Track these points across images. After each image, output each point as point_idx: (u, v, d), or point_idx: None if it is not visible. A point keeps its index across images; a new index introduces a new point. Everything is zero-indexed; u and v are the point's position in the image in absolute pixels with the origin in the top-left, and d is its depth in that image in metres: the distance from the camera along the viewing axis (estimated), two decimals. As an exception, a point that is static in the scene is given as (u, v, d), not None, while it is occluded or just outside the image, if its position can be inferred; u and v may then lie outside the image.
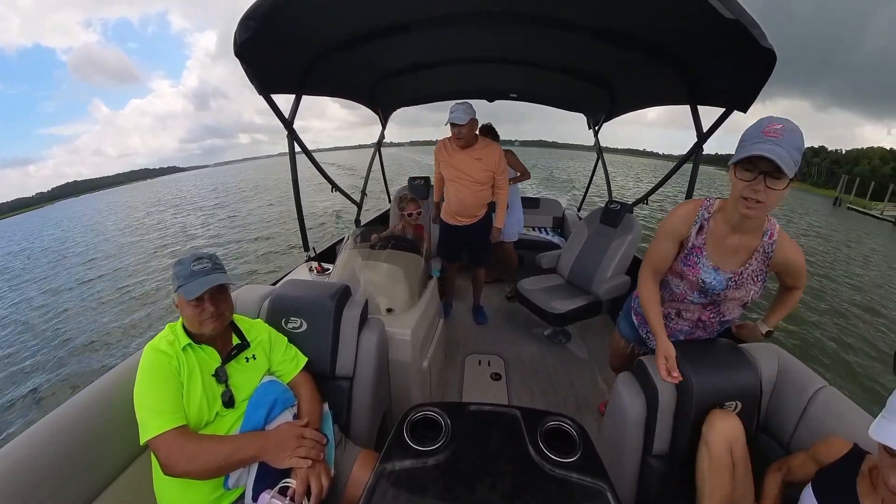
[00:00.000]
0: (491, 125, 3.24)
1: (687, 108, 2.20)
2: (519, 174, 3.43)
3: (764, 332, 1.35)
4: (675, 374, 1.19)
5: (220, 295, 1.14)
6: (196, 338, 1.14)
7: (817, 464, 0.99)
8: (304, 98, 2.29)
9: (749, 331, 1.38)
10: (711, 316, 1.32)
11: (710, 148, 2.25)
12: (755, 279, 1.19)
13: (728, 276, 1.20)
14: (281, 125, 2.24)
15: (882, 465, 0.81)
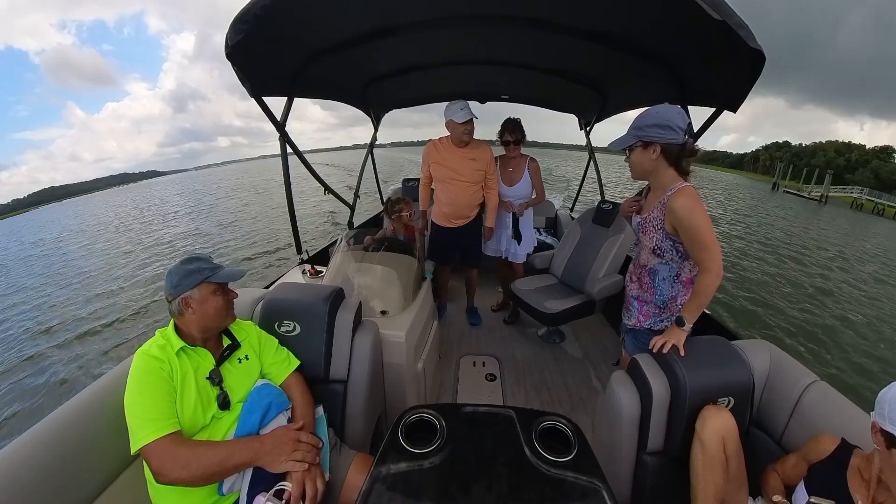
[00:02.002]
0: (519, 121, 2.77)
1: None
2: (535, 195, 2.87)
3: (675, 320, 1.36)
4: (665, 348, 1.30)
5: (235, 289, 1.24)
6: (190, 340, 1.12)
7: (808, 462, 1.00)
8: (284, 100, 2.22)
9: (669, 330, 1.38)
10: (642, 272, 1.55)
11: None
12: (655, 226, 1.42)
13: (640, 220, 1.50)
14: (260, 128, 2.26)
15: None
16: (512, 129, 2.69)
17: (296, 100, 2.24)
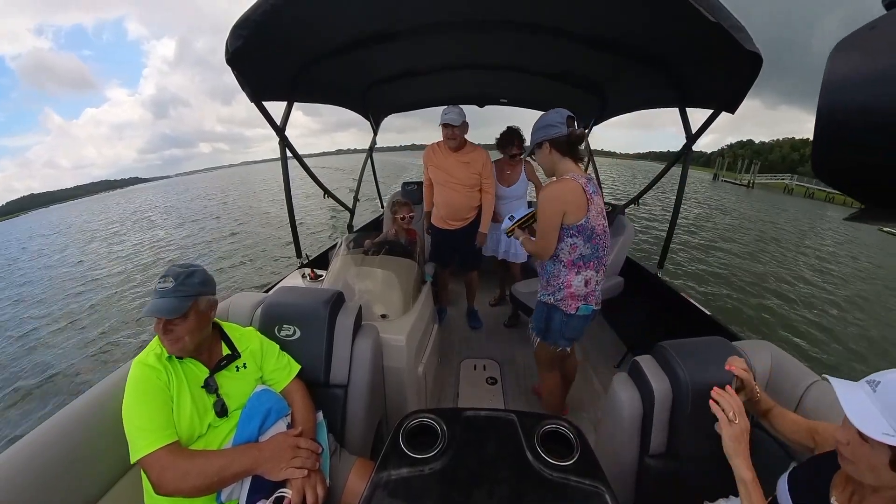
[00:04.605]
0: (518, 129, 2.69)
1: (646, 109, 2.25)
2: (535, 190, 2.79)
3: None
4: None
5: (174, 321, 1.03)
6: None
7: (811, 435, 0.96)
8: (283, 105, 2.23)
9: None
10: None
11: (662, 146, 2.28)
12: None
13: None
14: (241, 134, 2.22)
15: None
16: (520, 143, 2.65)
17: (281, 105, 2.23)
